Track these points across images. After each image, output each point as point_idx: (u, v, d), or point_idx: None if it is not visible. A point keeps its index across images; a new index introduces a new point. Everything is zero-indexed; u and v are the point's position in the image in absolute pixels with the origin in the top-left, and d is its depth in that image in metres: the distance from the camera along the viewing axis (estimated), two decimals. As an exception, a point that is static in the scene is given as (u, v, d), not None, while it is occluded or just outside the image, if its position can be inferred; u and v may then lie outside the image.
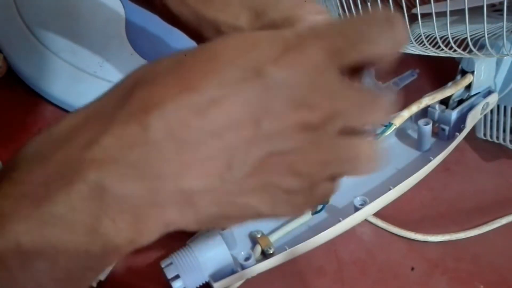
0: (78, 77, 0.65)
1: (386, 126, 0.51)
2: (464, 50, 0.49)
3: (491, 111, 0.57)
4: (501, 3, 0.45)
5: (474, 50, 0.48)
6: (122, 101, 0.24)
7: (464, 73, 0.54)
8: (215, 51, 0.24)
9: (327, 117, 0.24)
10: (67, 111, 0.64)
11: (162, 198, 0.23)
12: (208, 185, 0.23)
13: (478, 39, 0.49)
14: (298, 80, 0.24)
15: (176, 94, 0.23)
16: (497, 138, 0.59)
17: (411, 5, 0.54)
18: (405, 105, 0.53)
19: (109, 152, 0.22)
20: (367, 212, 0.48)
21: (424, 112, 0.55)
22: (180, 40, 0.64)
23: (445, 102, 0.54)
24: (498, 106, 0.57)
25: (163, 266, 0.46)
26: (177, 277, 0.45)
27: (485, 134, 0.59)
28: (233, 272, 0.45)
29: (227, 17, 0.45)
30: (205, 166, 0.23)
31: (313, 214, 0.49)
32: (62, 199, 0.22)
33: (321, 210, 0.49)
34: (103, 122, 0.23)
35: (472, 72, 0.53)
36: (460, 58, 0.53)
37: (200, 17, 0.46)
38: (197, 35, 0.48)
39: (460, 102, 0.55)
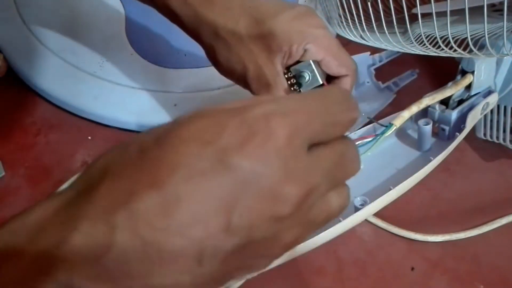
0: (78, 77, 0.65)
1: (386, 126, 0.51)
2: (464, 50, 0.49)
3: (491, 111, 0.57)
4: (501, 3, 0.45)
5: (475, 50, 0.48)
6: (90, 194, 0.23)
7: (464, 73, 0.54)
8: (180, 138, 0.24)
9: (300, 202, 0.24)
10: (67, 111, 0.64)
11: None
12: (178, 281, 0.23)
13: (478, 39, 0.49)
14: (266, 169, 0.23)
15: (140, 191, 0.23)
16: (497, 138, 0.59)
17: (411, 5, 0.54)
18: (405, 105, 0.53)
19: (78, 252, 0.22)
20: (367, 212, 0.48)
21: (424, 112, 0.55)
22: (180, 40, 0.64)
23: (445, 102, 0.54)
24: (498, 106, 0.57)
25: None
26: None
27: (485, 134, 0.59)
28: (233, 272, 0.45)
29: (227, 21, 0.46)
30: (173, 264, 0.23)
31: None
32: None
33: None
34: (72, 217, 0.23)
35: (472, 72, 0.53)
36: (460, 58, 0.53)
37: (200, 19, 0.46)
38: (196, 36, 0.48)
39: (460, 102, 0.55)
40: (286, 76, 0.47)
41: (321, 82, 0.47)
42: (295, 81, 0.47)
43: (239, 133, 0.24)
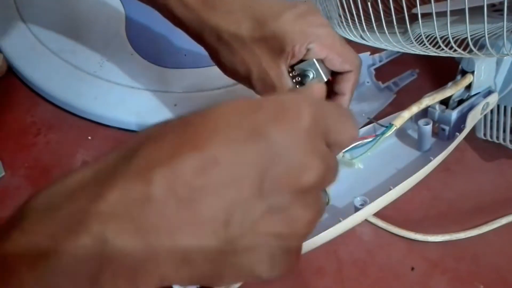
0: (78, 77, 0.65)
1: (386, 127, 0.51)
2: (464, 50, 0.49)
3: (491, 111, 0.57)
4: (501, 3, 0.45)
5: (475, 50, 0.48)
6: (129, 157, 0.25)
7: (464, 73, 0.54)
8: (220, 113, 0.26)
9: (320, 178, 0.26)
10: (67, 111, 0.64)
11: (158, 254, 0.24)
12: (204, 243, 0.24)
13: (478, 39, 0.49)
14: (295, 143, 0.25)
15: (180, 152, 0.24)
16: (497, 138, 0.58)
17: (411, 5, 0.54)
18: (405, 105, 0.53)
19: (113, 206, 0.23)
20: (367, 212, 0.48)
21: (424, 112, 0.55)
22: (180, 40, 0.64)
23: (445, 102, 0.54)
24: (498, 106, 0.57)
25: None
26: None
27: (485, 134, 0.59)
28: (233, 272, 0.45)
29: (229, 25, 0.46)
30: (202, 225, 0.24)
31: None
32: (68, 250, 0.23)
33: (321, 210, 0.49)
34: (110, 177, 0.24)
35: (472, 72, 0.53)
36: (460, 58, 0.53)
37: (203, 23, 0.47)
38: (199, 39, 0.48)
39: (460, 102, 0.55)
40: (290, 74, 0.47)
41: (325, 79, 0.47)
42: (299, 79, 0.47)
43: (273, 110, 0.26)
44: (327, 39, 0.46)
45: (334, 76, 0.48)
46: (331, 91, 0.49)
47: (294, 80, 0.47)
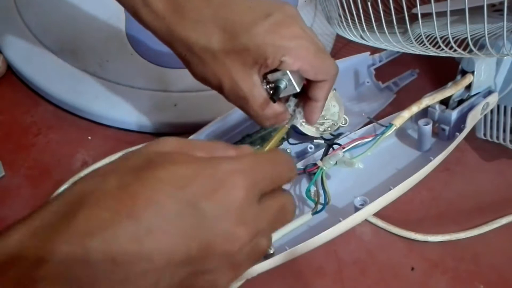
0: (78, 77, 0.65)
1: (386, 126, 0.51)
2: (464, 50, 0.49)
3: (491, 111, 0.57)
4: (501, 3, 0.45)
5: (475, 50, 0.48)
6: (68, 219, 0.26)
7: (464, 73, 0.54)
8: (157, 179, 0.28)
9: (249, 240, 0.29)
10: (67, 111, 0.64)
11: None
12: None
13: (478, 39, 0.49)
14: (226, 214, 0.28)
15: (117, 220, 0.26)
16: (497, 138, 0.59)
17: (411, 5, 0.54)
18: (405, 105, 0.53)
19: (55, 270, 0.25)
20: (367, 212, 0.48)
21: (424, 112, 0.55)
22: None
23: (445, 102, 0.54)
24: (498, 106, 0.57)
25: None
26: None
27: (485, 134, 0.59)
28: (233, 272, 0.45)
29: (199, 37, 0.45)
30: (136, 285, 0.26)
31: (313, 214, 0.49)
32: None
33: (321, 210, 0.49)
34: (50, 239, 0.25)
35: (472, 72, 0.53)
36: (460, 58, 0.53)
37: (173, 33, 0.45)
38: (171, 48, 0.47)
39: (460, 102, 0.55)
40: (265, 81, 0.46)
41: (298, 90, 0.46)
42: (273, 86, 0.46)
43: (208, 183, 0.28)
44: (299, 51, 0.44)
45: (309, 82, 0.47)
46: (306, 95, 0.48)
47: (268, 87, 0.46)
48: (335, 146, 0.52)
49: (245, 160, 0.31)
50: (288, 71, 0.45)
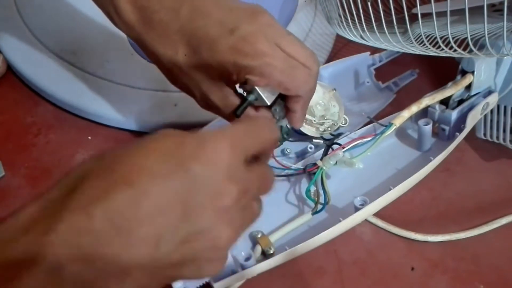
0: (78, 77, 0.65)
1: (386, 126, 0.51)
2: (464, 50, 0.49)
3: (491, 111, 0.57)
4: (501, 3, 0.45)
5: (475, 50, 0.48)
6: (72, 192, 0.28)
7: (464, 73, 0.54)
8: (147, 151, 0.30)
9: (238, 198, 0.31)
10: (67, 111, 0.64)
11: (104, 273, 0.28)
12: (141, 261, 0.29)
13: (478, 39, 0.49)
14: (213, 172, 0.30)
15: (114, 188, 0.28)
16: (497, 138, 0.59)
17: (411, 5, 0.54)
18: (405, 105, 0.53)
19: (63, 237, 0.27)
20: (367, 212, 0.48)
21: (424, 112, 0.55)
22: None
23: (445, 102, 0.54)
24: (498, 106, 0.57)
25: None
26: (177, 277, 0.45)
27: (485, 134, 0.59)
28: (233, 272, 0.45)
29: (166, 50, 0.44)
30: (138, 247, 0.28)
31: (313, 214, 0.49)
32: (28, 278, 0.27)
33: (321, 210, 0.49)
34: (57, 212, 0.28)
35: (472, 72, 0.53)
36: (460, 58, 0.53)
37: (143, 44, 0.45)
38: (144, 53, 0.47)
39: (460, 102, 0.55)
40: (237, 88, 0.45)
41: (268, 104, 0.45)
42: (246, 94, 0.45)
43: (194, 147, 0.30)
44: (264, 70, 0.42)
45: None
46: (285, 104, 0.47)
47: (243, 93, 0.45)
48: (335, 146, 0.52)
49: (226, 128, 0.33)
50: (256, 87, 0.44)
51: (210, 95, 0.45)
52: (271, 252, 0.47)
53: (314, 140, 0.55)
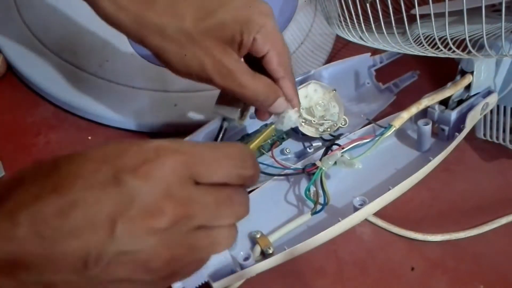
0: (78, 77, 0.65)
1: (385, 128, 0.51)
2: (463, 51, 0.49)
3: (491, 111, 0.57)
4: (501, 3, 0.45)
5: (473, 51, 0.48)
6: (2, 197, 0.27)
7: (463, 73, 0.54)
8: (86, 157, 0.28)
9: (177, 220, 0.28)
10: (67, 111, 0.64)
11: (28, 285, 0.27)
12: (66, 279, 0.27)
13: (478, 40, 0.49)
14: (149, 188, 0.28)
15: (43, 195, 0.27)
16: (497, 138, 0.58)
17: (410, 4, 0.54)
18: (406, 106, 0.53)
19: None
20: (366, 212, 0.48)
21: (424, 112, 0.55)
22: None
23: (444, 102, 0.54)
24: (498, 106, 0.57)
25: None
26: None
27: (485, 134, 0.59)
28: (232, 272, 0.45)
29: (172, 19, 0.43)
30: (63, 262, 0.27)
31: (312, 214, 0.49)
32: None
33: (320, 210, 0.49)
34: None
35: (472, 73, 0.53)
36: (460, 59, 0.53)
37: (142, 22, 0.43)
38: (139, 39, 0.44)
39: (460, 102, 0.55)
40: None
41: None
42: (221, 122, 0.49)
43: (134, 158, 0.28)
44: (271, 33, 0.44)
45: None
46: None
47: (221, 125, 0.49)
48: (335, 147, 0.52)
49: (188, 144, 0.30)
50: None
51: (223, 59, 0.43)
52: (270, 252, 0.47)
53: (313, 141, 0.56)
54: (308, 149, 0.55)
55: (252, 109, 0.50)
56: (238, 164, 0.31)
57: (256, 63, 0.46)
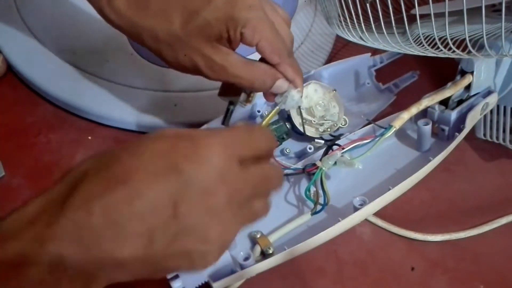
0: (78, 77, 0.65)
1: (386, 128, 0.51)
2: (463, 51, 0.49)
3: (491, 111, 0.57)
4: (501, 3, 0.45)
5: (473, 51, 0.48)
6: (73, 189, 0.31)
7: (463, 73, 0.54)
8: (144, 150, 0.32)
9: (230, 197, 0.33)
10: (67, 111, 0.64)
11: (103, 265, 0.30)
12: (135, 255, 0.31)
13: (478, 40, 0.49)
14: (204, 173, 0.32)
15: (111, 187, 0.30)
16: (497, 138, 0.59)
17: (410, 4, 0.54)
18: (406, 106, 0.53)
19: (64, 231, 0.30)
20: (366, 212, 0.48)
21: (424, 113, 0.54)
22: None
23: (444, 102, 0.54)
24: (498, 106, 0.57)
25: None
26: (176, 277, 0.45)
27: (485, 134, 0.59)
28: (232, 272, 0.45)
29: (162, 23, 0.46)
30: (132, 242, 0.30)
31: (312, 214, 0.49)
32: (32, 267, 0.29)
33: (320, 210, 0.49)
34: (60, 207, 0.30)
35: (472, 73, 0.53)
36: (460, 59, 0.53)
37: (137, 27, 0.47)
38: (139, 41, 0.48)
39: (460, 102, 0.55)
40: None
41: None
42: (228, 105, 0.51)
43: (186, 148, 0.32)
44: (258, 24, 0.45)
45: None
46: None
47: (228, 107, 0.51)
48: (335, 147, 0.52)
49: (220, 131, 0.34)
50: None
51: (212, 56, 0.46)
52: (270, 252, 0.47)
53: (313, 141, 0.55)
54: (308, 149, 0.55)
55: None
56: (267, 139, 0.37)
57: None
